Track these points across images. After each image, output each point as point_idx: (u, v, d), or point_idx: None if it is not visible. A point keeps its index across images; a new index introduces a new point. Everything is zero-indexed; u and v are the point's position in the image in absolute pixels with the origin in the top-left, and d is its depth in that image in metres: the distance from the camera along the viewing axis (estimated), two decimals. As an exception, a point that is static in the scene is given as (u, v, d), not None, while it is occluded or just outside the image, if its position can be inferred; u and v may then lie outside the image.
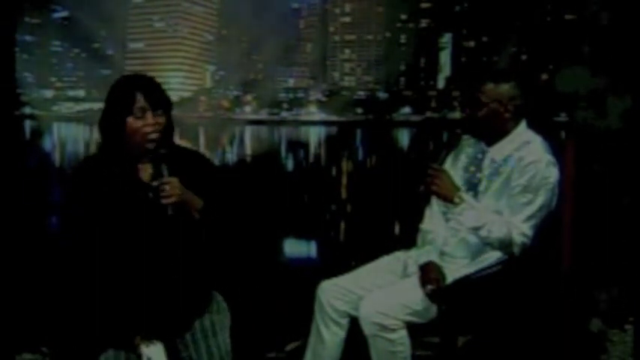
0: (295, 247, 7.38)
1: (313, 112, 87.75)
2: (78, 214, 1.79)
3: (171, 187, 1.80)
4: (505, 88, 2.17)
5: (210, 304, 1.93)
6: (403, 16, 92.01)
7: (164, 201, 1.79)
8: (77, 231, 1.78)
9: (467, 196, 2.17)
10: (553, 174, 2.13)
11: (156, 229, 1.82)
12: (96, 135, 1.89)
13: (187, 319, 1.87)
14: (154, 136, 1.80)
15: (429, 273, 2.16)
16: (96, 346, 1.74)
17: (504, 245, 2.12)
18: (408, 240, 2.38)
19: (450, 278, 2.16)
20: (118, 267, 1.78)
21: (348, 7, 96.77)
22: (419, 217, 2.38)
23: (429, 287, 2.12)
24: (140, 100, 1.79)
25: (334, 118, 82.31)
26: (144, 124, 1.79)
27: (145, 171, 1.86)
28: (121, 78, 1.89)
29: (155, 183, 1.81)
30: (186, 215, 1.84)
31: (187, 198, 1.83)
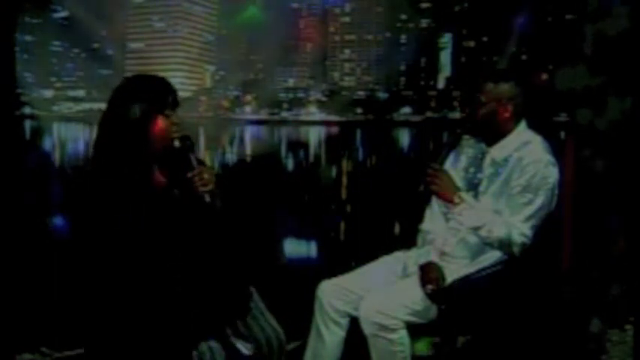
0: (295, 247, 7.38)
1: (313, 112, 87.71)
2: (135, 228, 1.74)
3: (209, 174, 1.85)
4: (504, 87, 2.17)
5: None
6: (403, 16, 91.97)
7: (203, 189, 1.83)
8: (143, 245, 1.75)
9: (467, 196, 2.17)
10: (553, 174, 2.13)
11: (202, 220, 1.85)
12: (96, 135, 1.87)
13: (246, 301, 1.92)
14: (176, 135, 1.86)
15: (429, 273, 2.17)
16: (187, 342, 1.74)
17: (504, 245, 2.12)
18: (408, 240, 2.38)
19: (449, 278, 2.16)
20: (187, 264, 1.79)
21: (348, 7, 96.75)
22: (419, 217, 2.38)
23: (429, 287, 2.12)
24: (171, 102, 1.86)
25: (334, 118, 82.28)
26: (171, 123, 1.85)
27: (157, 173, 1.89)
28: (144, 77, 1.91)
29: (191, 174, 1.84)
30: (216, 205, 1.89)
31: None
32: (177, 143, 1.86)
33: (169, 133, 1.84)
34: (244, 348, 1.82)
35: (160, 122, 1.83)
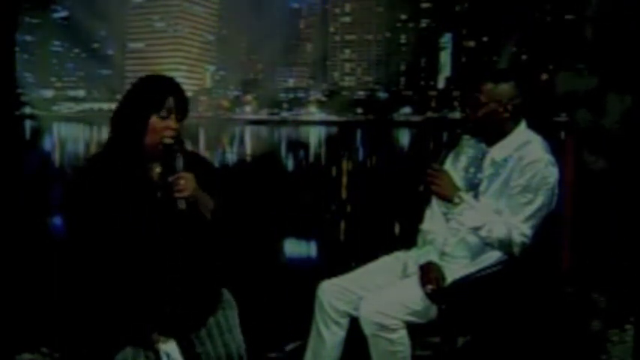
0: (295, 247, 7.39)
1: (313, 112, 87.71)
2: (92, 214, 1.77)
3: (186, 181, 1.83)
4: (504, 88, 2.17)
5: (221, 301, 1.95)
6: (403, 16, 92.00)
7: (178, 194, 1.81)
8: (92, 230, 1.77)
9: (467, 196, 2.16)
10: (553, 174, 2.13)
11: (169, 225, 1.83)
12: (96, 135, 1.89)
13: (202, 315, 1.89)
14: (169, 140, 1.84)
15: (429, 273, 2.16)
16: (112, 344, 1.73)
17: (504, 245, 2.12)
18: (408, 240, 2.38)
19: (450, 278, 2.16)
20: (133, 264, 1.78)
21: (348, 7, 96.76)
22: (419, 217, 2.38)
23: (429, 287, 2.12)
24: (169, 103, 1.83)
25: (334, 118, 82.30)
26: (165, 125, 1.83)
27: (154, 170, 1.89)
28: (151, 77, 1.91)
29: (171, 178, 1.83)
30: (197, 213, 1.86)
31: (200, 196, 1.86)
32: (163, 146, 1.85)
33: (161, 135, 1.83)
34: (167, 358, 1.80)
35: (153, 122, 1.82)
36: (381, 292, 2.18)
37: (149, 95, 1.83)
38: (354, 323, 2.23)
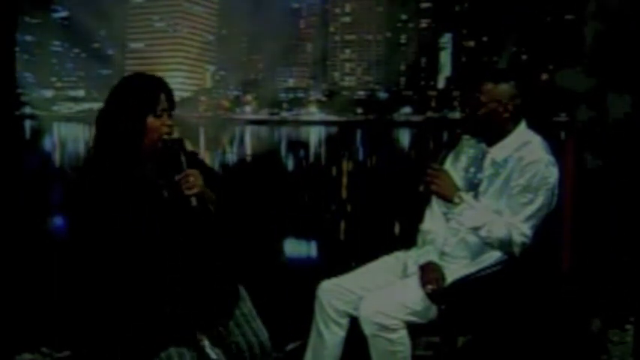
0: (295, 247, 7.39)
1: (313, 112, 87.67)
2: (108, 221, 1.74)
3: (195, 178, 1.84)
4: (504, 87, 2.17)
5: (240, 293, 1.97)
6: (403, 16, 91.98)
7: (188, 192, 1.82)
8: (114, 237, 1.74)
9: (467, 196, 2.17)
10: (553, 174, 2.13)
11: (183, 223, 1.84)
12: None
13: (229, 306, 1.91)
14: (167, 137, 1.85)
15: (429, 273, 2.16)
16: (156, 344, 1.73)
17: (504, 245, 2.12)
18: (408, 240, 2.38)
19: (450, 278, 2.16)
20: (164, 265, 1.78)
21: (348, 7, 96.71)
22: (419, 217, 2.38)
23: (429, 287, 2.12)
24: (162, 101, 1.84)
25: (334, 118, 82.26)
26: (162, 123, 1.84)
27: (151, 171, 1.88)
28: (137, 76, 1.91)
29: (178, 177, 1.83)
30: (206, 209, 1.88)
31: (207, 192, 1.88)
32: (163, 144, 1.85)
33: (160, 133, 1.84)
34: (213, 353, 1.80)
35: (150, 122, 1.82)
36: (381, 292, 2.18)
37: (143, 95, 1.83)
38: (354, 323, 2.23)
